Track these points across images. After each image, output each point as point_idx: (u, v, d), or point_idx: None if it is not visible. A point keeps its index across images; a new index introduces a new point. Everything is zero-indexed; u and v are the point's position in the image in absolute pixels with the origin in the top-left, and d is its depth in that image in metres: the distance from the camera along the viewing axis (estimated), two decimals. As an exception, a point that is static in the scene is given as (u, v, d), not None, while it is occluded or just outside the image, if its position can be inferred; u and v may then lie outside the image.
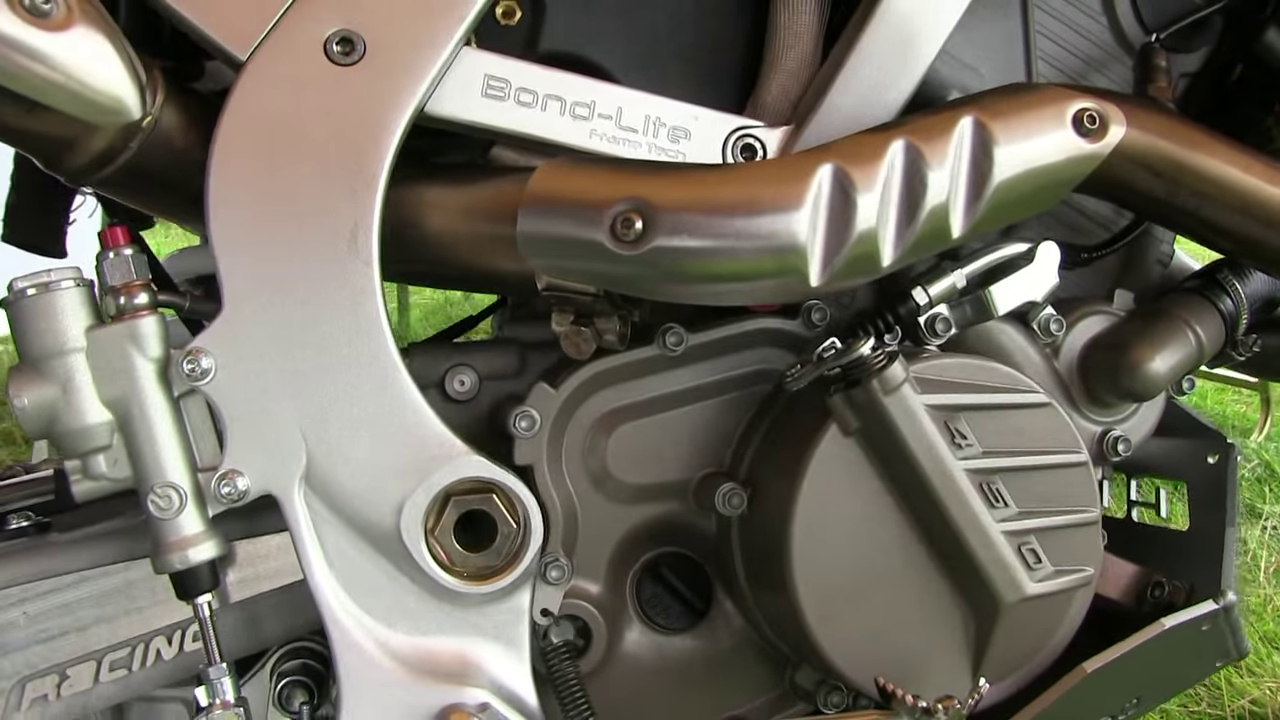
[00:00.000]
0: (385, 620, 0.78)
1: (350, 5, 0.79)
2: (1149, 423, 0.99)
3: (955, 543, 0.80)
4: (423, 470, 0.78)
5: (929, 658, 0.83)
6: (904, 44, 0.90)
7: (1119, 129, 0.85)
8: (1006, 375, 0.86)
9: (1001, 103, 0.84)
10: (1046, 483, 0.85)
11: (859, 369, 0.78)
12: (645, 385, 0.89)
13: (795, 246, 0.76)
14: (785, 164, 0.80)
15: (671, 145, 0.89)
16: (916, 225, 0.80)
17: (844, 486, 0.80)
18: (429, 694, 0.77)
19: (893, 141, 0.80)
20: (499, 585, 0.79)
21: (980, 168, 0.81)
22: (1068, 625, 0.87)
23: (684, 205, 0.77)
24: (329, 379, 0.77)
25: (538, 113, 0.86)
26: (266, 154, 0.77)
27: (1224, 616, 0.88)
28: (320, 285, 0.77)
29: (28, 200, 1.23)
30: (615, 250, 0.77)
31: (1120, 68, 1.05)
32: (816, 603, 0.80)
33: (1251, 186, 0.88)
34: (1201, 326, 0.96)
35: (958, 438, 0.80)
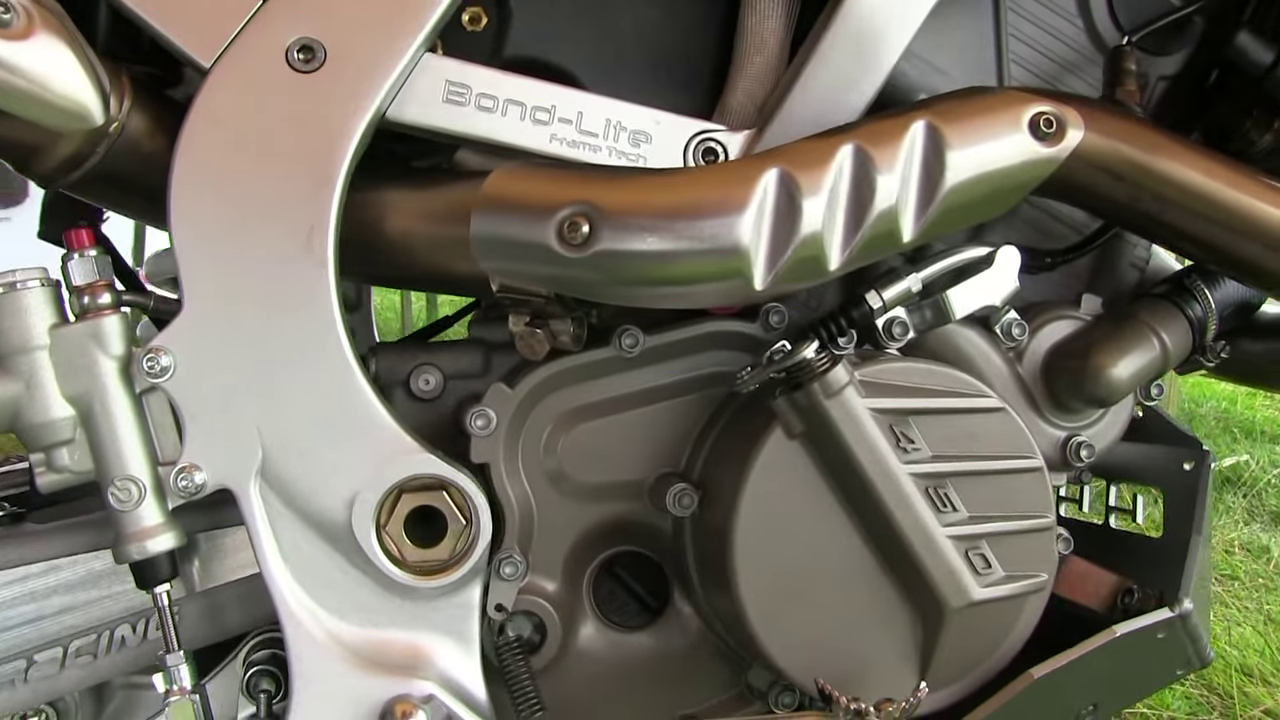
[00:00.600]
0: (337, 612, 0.80)
1: (312, 14, 0.81)
2: (1115, 429, 0.98)
3: (900, 546, 0.80)
4: (374, 466, 0.80)
5: (875, 660, 0.83)
6: (865, 47, 0.90)
7: (1077, 133, 0.85)
8: (959, 380, 0.86)
9: (956, 106, 0.84)
10: (999, 488, 0.85)
11: (802, 372, 0.79)
12: (602, 386, 0.91)
13: (738, 250, 0.77)
14: (730, 168, 0.81)
15: (632, 149, 0.90)
16: (864, 229, 0.80)
17: (789, 488, 0.81)
18: (377, 685, 0.79)
19: (841, 146, 0.80)
20: (448, 580, 0.81)
21: (932, 172, 0.82)
22: (1020, 630, 0.86)
23: (628, 209, 0.78)
24: (284, 376, 0.79)
25: (498, 118, 0.88)
26: (227, 158, 0.79)
27: (1181, 625, 0.87)
28: (276, 285, 0.79)
29: (63, 199, 1.28)
30: (563, 253, 0.78)
31: (1096, 70, 1.04)
32: (760, 603, 0.81)
33: (1214, 191, 0.87)
34: (1167, 332, 0.95)
35: (903, 441, 0.80)
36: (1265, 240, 0.87)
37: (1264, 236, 0.87)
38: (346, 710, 0.78)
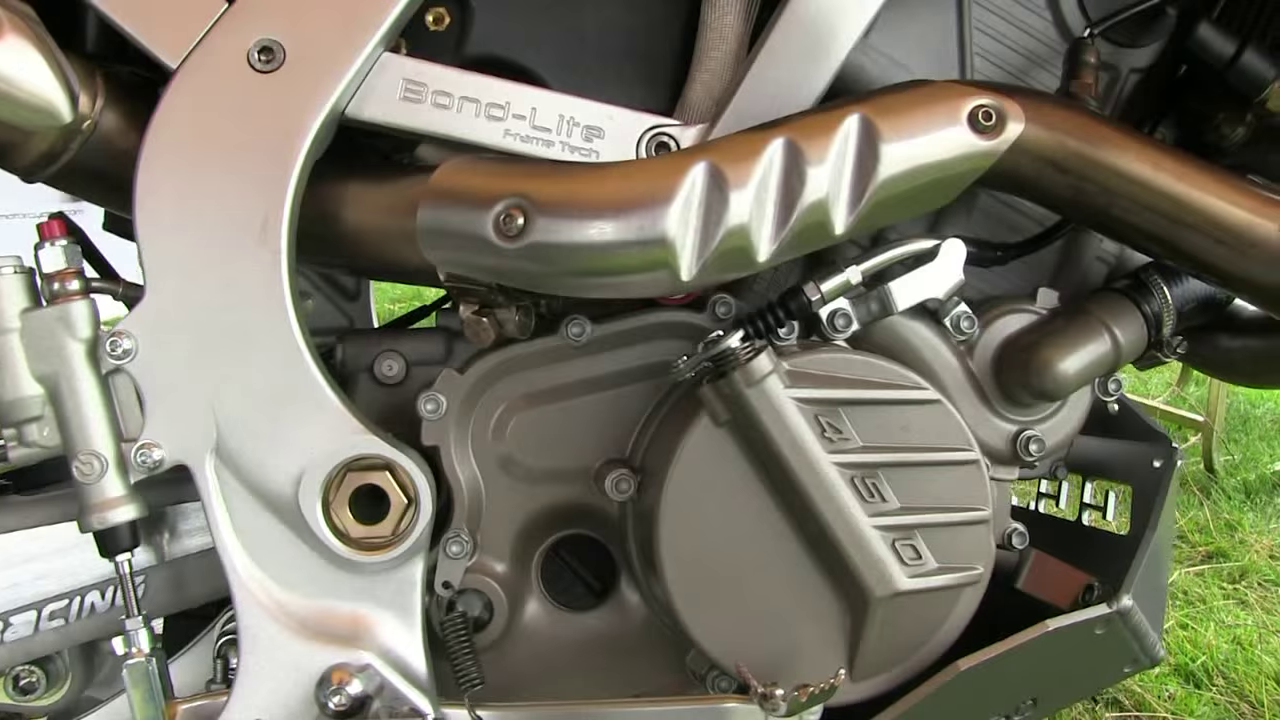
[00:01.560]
0: (285, 583, 0.85)
1: (274, 16, 0.86)
2: (1070, 424, 0.97)
3: (824, 535, 0.81)
4: (321, 446, 0.84)
5: (803, 647, 0.84)
6: (814, 42, 0.91)
7: (1017, 126, 0.85)
8: (893, 372, 0.86)
9: (892, 99, 0.85)
10: (933, 480, 0.85)
11: (726, 360, 0.80)
12: (550, 373, 0.94)
13: (664, 242, 0.79)
14: (659, 162, 0.83)
15: (585, 144, 0.93)
16: (793, 221, 0.81)
17: (715, 476, 0.82)
18: (319, 654, 0.83)
19: (772, 139, 0.82)
20: (389, 556, 0.85)
21: (865, 164, 0.82)
22: (954, 622, 0.87)
23: (559, 202, 0.81)
24: (237, 360, 0.83)
25: (453, 114, 0.91)
26: (189, 153, 0.84)
27: (1120, 621, 0.86)
28: (231, 273, 0.84)
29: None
30: (499, 244, 0.81)
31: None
32: (685, 588, 0.83)
33: (1162, 185, 0.86)
34: (1120, 327, 0.93)
35: (829, 431, 0.81)
36: (1212, 234, 0.86)
37: (1211, 230, 0.86)
38: (289, 675, 0.83)
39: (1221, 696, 2.15)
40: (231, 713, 0.81)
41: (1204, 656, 2.24)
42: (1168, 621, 2.39)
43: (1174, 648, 2.29)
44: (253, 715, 0.81)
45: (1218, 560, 2.73)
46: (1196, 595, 2.56)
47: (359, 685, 0.81)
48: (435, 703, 0.85)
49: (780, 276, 1.00)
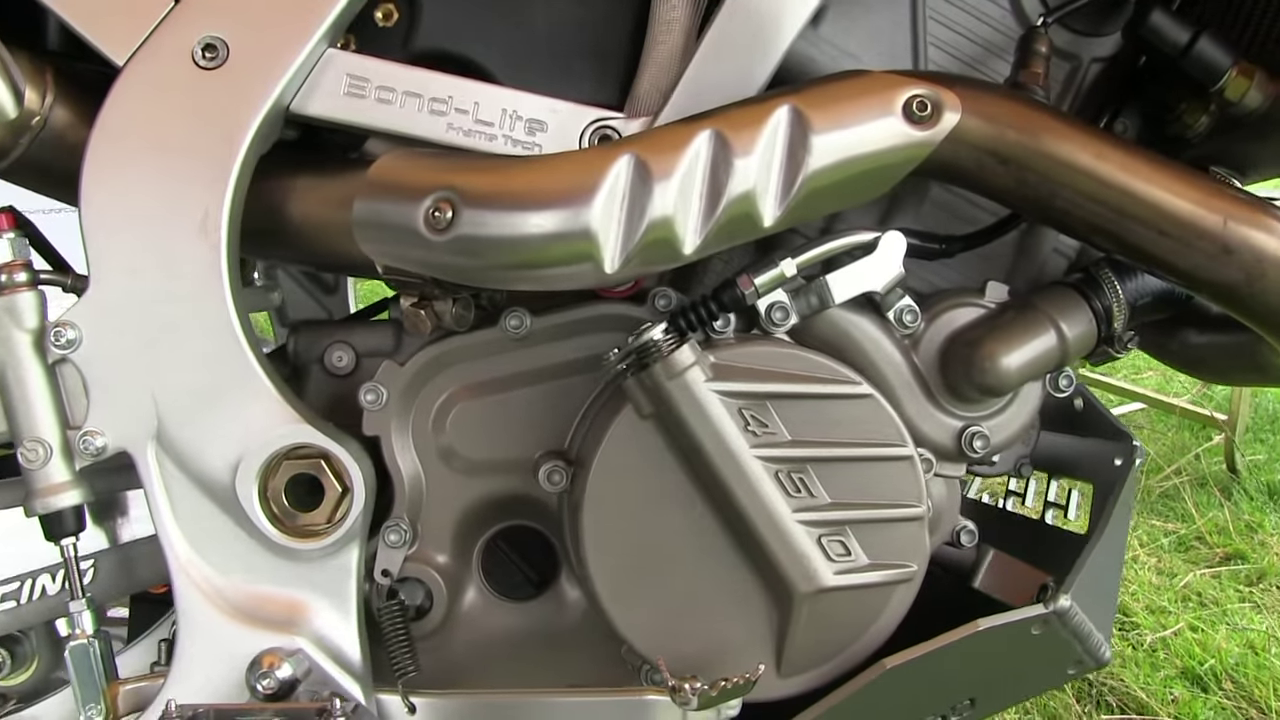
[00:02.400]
0: (223, 569, 0.86)
1: (218, 14, 0.88)
2: (1018, 421, 0.95)
3: (748, 530, 0.81)
4: (257, 435, 0.86)
5: (730, 642, 0.84)
6: (756, 33, 0.91)
7: (953, 116, 0.83)
8: (825, 366, 0.85)
9: (825, 90, 0.84)
10: (865, 476, 0.85)
11: (648, 353, 0.80)
12: (490, 365, 0.94)
13: (587, 235, 0.79)
14: (585, 155, 0.83)
15: (528, 138, 0.93)
16: (718, 213, 0.81)
17: (639, 468, 0.82)
18: (253, 638, 0.85)
19: (699, 131, 0.82)
20: (324, 543, 0.86)
21: (795, 156, 0.82)
22: (886, 619, 0.86)
23: (485, 195, 0.81)
24: (177, 350, 0.85)
25: (396, 109, 0.92)
26: (133, 149, 0.86)
27: (1058, 622, 0.85)
28: (172, 265, 0.85)
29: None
30: (429, 238, 0.82)
31: (1022, 52, 1.02)
32: (610, 580, 0.83)
33: (1105, 175, 0.84)
34: (1067, 322, 0.92)
35: (754, 425, 0.81)
36: (1157, 226, 0.84)
37: (1155, 223, 0.84)
38: (223, 659, 0.84)
39: (1229, 701, 2.10)
40: (167, 694, 0.83)
41: (1213, 660, 2.19)
42: (1177, 624, 2.35)
43: (1182, 650, 2.24)
44: (188, 696, 0.83)
45: (1235, 562, 2.67)
46: (1210, 597, 2.50)
47: (288, 669, 0.82)
48: (368, 689, 0.86)
49: (734, 268, 1.00)
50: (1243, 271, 0.84)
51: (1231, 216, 0.84)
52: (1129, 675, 2.14)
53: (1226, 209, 0.84)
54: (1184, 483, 3.05)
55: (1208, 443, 3.25)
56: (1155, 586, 2.57)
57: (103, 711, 0.84)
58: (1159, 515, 2.94)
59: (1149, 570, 2.65)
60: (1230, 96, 0.94)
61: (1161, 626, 2.35)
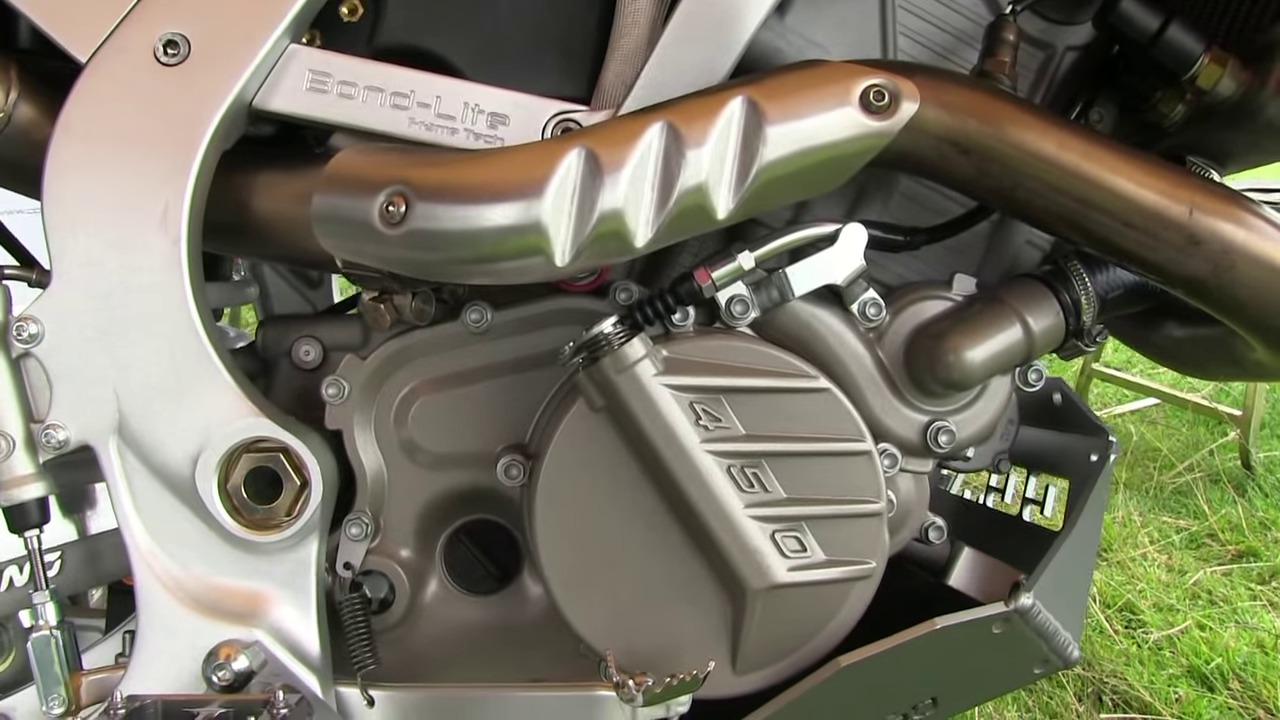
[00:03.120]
0: (183, 561, 0.87)
1: (180, 11, 0.88)
2: (986, 416, 0.94)
3: (699, 524, 0.80)
4: (216, 428, 0.86)
5: (687, 638, 0.83)
6: (716, 24, 0.90)
7: (911, 105, 0.82)
8: (781, 360, 0.85)
9: (781, 80, 0.83)
10: (821, 471, 0.84)
11: (599, 346, 0.80)
12: (452, 359, 0.94)
13: (537, 228, 0.79)
14: (537, 148, 0.82)
15: (490, 131, 0.93)
16: (670, 206, 0.80)
17: (592, 462, 0.82)
18: (211, 629, 0.86)
19: (652, 123, 0.81)
20: (282, 536, 0.87)
21: (749, 147, 0.81)
22: (844, 617, 0.84)
23: (436, 189, 0.81)
24: (138, 344, 0.86)
25: (359, 104, 0.92)
26: (95, 144, 0.87)
27: (1020, 620, 0.83)
28: (132, 260, 0.86)
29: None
30: (384, 232, 0.82)
31: (995, 40, 1.00)
32: (562, 574, 0.83)
33: (1067, 164, 0.82)
34: (1034, 316, 0.90)
35: (705, 419, 0.80)
36: (1121, 217, 0.82)
37: (1120, 213, 0.82)
38: (183, 650, 0.85)
39: (1235, 701, 2.06)
40: (127, 685, 0.84)
41: (1220, 659, 2.15)
42: (1184, 621, 2.31)
43: (1189, 649, 2.20)
44: (147, 687, 0.84)
45: (1248, 560, 2.62)
46: (1221, 595, 2.46)
47: (244, 661, 0.83)
48: (326, 681, 0.87)
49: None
50: (1210, 263, 0.82)
51: (1198, 207, 0.82)
52: (1132, 674, 2.11)
53: (1193, 199, 0.83)
54: (1197, 479, 3.00)
55: (1223, 438, 3.19)
56: (1164, 584, 2.53)
57: (64, 702, 0.85)
58: (1171, 512, 2.89)
59: (1158, 567, 2.61)
60: (1203, 85, 0.92)
61: (1169, 625, 2.32)
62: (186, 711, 0.75)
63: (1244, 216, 0.83)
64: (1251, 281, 0.83)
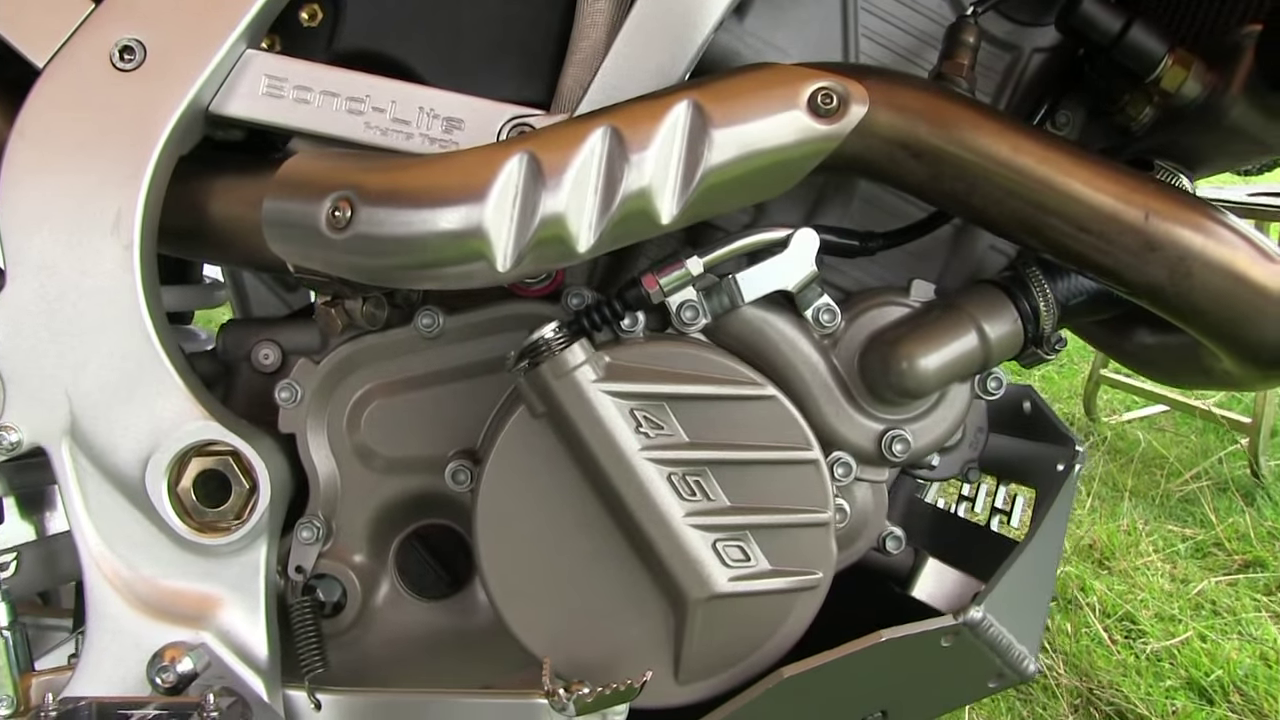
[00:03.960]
0: (132, 563, 0.88)
1: (136, 16, 0.89)
2: (944, 425, 0.92)
3: (639, 532, 0.80)
4: (166, 431, 0.87)
5: (629, 647, 0.83)
6: (671, 27, 0.89)
7: (860, 108, 0.81)
8: (727, 366, 0.84)
9: (727, 83, 0.83)
10: (766, 479, 0.83)
11: (539, 351, 0.80)
12: (405, 364, 0.94)
13: (479, 233, 0.78)
14: (480, 152, 0.82)
15: (445, 136, 0.93)
16: (613, 211, 0.80)
17: (533, 468, 0.81)
18: (158, 632, 0.86)
19: (596, 127, 0.81)
20: (231, 539, 0.87)
21: (694, 151, 0.80)
22: (789, 628, 0.83)
23: (380, 193, 0.81)
24: (90, 348, 0.87)
25: (314, 109, 0.92)
26: (51, 149, 0.87)
27: (971, 634, 0.82)
28: (86, 265, 0.87)
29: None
30: (330, 236, 0.82)
31: (959, 43, 0.98)
32: (503, 580, 0.82)
33: (1021, 168, 0.81)
34: (991, 323, 0.88)
35: (646, 426, 0.79)
36: (1075, 222, 0.81)
37: (1074, 218, 0.81)
38: (130, 652, 0.85)
39: (1234, 714, 2.02)
40: (74, 686, 0.85)
41: (1220, 670, 2.11)
42: (1185, 631, 2.27)
43: (1188, 660, 2.16)
44: (95, 689, 0.84)
45: (1254, 570, 2.57)
46: (1225, 606, 2.41)
47: (189, 663, 0.83)
48: (273, 684, 0.87)
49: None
50: (1167, 269, 0.81)
51: (1155, 212, 0.81)
52: (1129, 685, 2.08)
53: (1149, 204, 0.81)
54: (1205, 487, 2.95)
55: (1232, 446, 3.14)
56: (1167, 594, 2.49)
57: (13, 703, 0.85)
58: (1177, 520, 2.84)
59: (1162, 577, 2.57)
60: (1167, 87, 0.90)
61: (1169, 635, 2.28)
62: (121, 713, 0.75)
63: (1203, 222, 0.81)
64: (1209, 288, 0.81)
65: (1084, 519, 2.84)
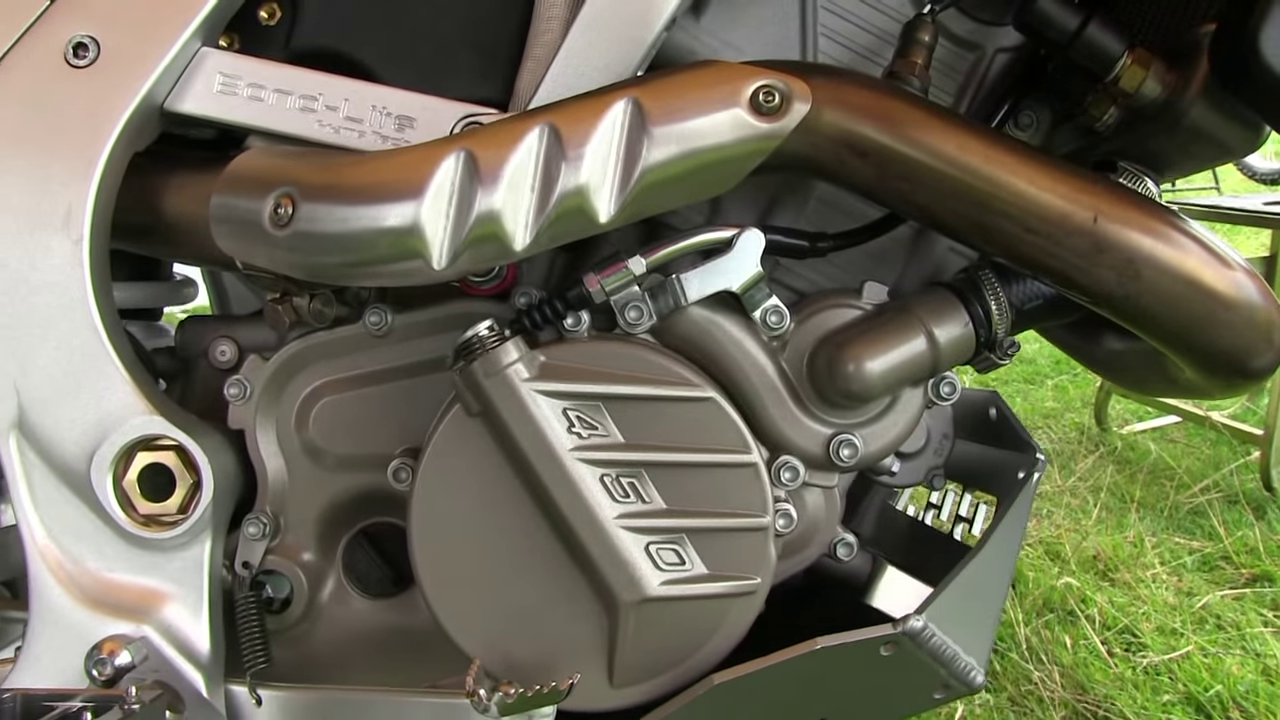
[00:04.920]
0: (76, 556, 0.88)
1: (89, 14, 0.90)
2: (895, 430, 0.91)
3: (571, 533, 0.79)
4: (111, 425, 0.87)
5: (561, 648, 0.82)
6: (621, 25, 0.89)
7: (802, 106, 0.80)
8: (663, 366, 0.83)
9: (668, 81, 0.82)
10: (703, 482, 0.81)
11: (473, 349, 0.79)
12: (354, 361, 0.94)
13: (414, 231, 0.78)
14: (419, 150, 0.82)
15: (397, 134, 0.93)
16: (549, 209, 0.79)
17: (468, 466, 0.81)
18: (100, 624, 0.86)
19: (534, 125, 0.80)
20: (174, 534, 0.87)
21: (633, 149, 0.79)
22: (726, 633, 0.82)
23: (319, 190, 0.81)
24: (40, 341, 0.87)
25: (267, 106, 0.93)
26: (2, 145, 0.88)
27: (911, 644, 0.80)
28: (35, 260, 0.87)
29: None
30: (272, 233, 0.82)
31: (920, 41, 0.97)
32: (435, 581, 0.82)
33: (968, 167, 0.79)
34: (941, 327, 0.87)
35: (579, 426, 0.79)
36: (1023, 222, 0.79)
37: (1021, 218, 0.79)
38: (70, 644, 0.86)
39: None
40: (14, 678, 0.85)
41: (1220, 686, 2.06)
42: (1186, 645, 2.22)
43: (1189, 675, 2.12)
44: (36, 681, 0.85)
45: (1261, 584, 2.51)
46: (1230, 621, 2.36)
47: (127, 656, 0.83)
48: (213, 679, 0.87)
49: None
50: (1114, 272, 0.79)
51: (1104, 214, 0.79)
52: (1124, 699, 2.04)
53: (1099, 205, 0.79)
54: (1215, 499, 2.89)
55: (1245, 458, 3.07)
56: (1171, 607, 2.44)
57: (-43, 693, 0.86)
58: (1185, 533, 2.79)
59: (1167, 590, 2.51)
60: (1126, 86, 0.88)
61: (1171, 649, 2.23)
62: (44, 705, 0.75)
63: (1154, 225, 0.79)
64: (1159, 292, 0.79)
65: (1090, 530, 2.79)
